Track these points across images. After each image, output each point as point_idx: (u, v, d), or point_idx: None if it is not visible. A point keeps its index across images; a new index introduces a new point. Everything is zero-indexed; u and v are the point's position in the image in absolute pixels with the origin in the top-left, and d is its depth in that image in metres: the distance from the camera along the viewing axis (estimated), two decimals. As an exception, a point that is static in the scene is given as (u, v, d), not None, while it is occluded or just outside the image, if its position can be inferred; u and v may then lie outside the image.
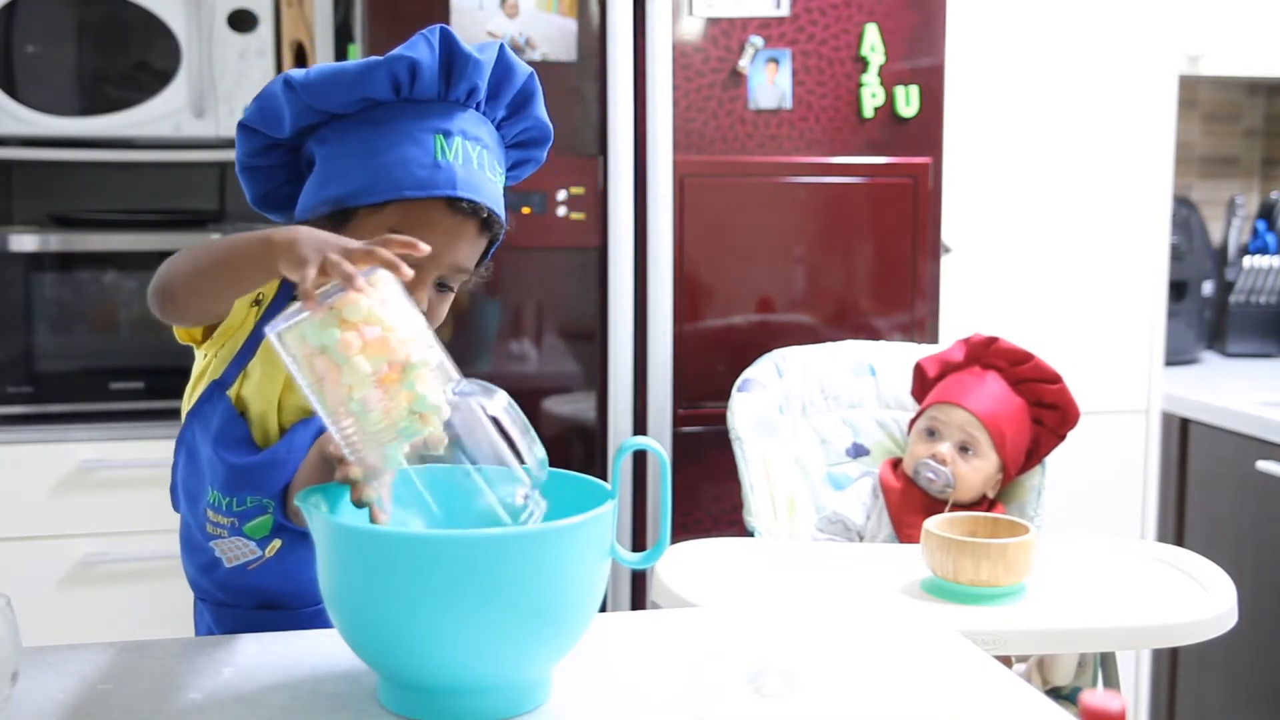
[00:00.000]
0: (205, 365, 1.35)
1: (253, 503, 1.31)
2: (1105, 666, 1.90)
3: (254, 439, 1.33)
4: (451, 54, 1.31)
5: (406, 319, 1.11)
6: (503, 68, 1.34)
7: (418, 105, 1.31)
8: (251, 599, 1.38)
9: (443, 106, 1.32)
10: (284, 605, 1.38)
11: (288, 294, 1.32)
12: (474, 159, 1.30)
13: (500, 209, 1.34)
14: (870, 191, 2.50)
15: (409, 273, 1.10)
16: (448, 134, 1.29)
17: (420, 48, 1.29)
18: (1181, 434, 2.93)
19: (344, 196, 1.29)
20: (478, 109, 1.34)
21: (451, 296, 1.35)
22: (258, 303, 1.33)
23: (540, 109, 1.39)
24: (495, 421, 1.13)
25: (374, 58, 1.30)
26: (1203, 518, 2.89)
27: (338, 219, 1.30)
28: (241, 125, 1.34)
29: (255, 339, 1.33)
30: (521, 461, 1.14)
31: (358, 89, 1.29)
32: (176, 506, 1.41)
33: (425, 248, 1.12)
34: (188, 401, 1.36)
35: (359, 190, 1.28)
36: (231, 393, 1.32)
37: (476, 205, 1.30)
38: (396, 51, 1.29)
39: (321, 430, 1.33)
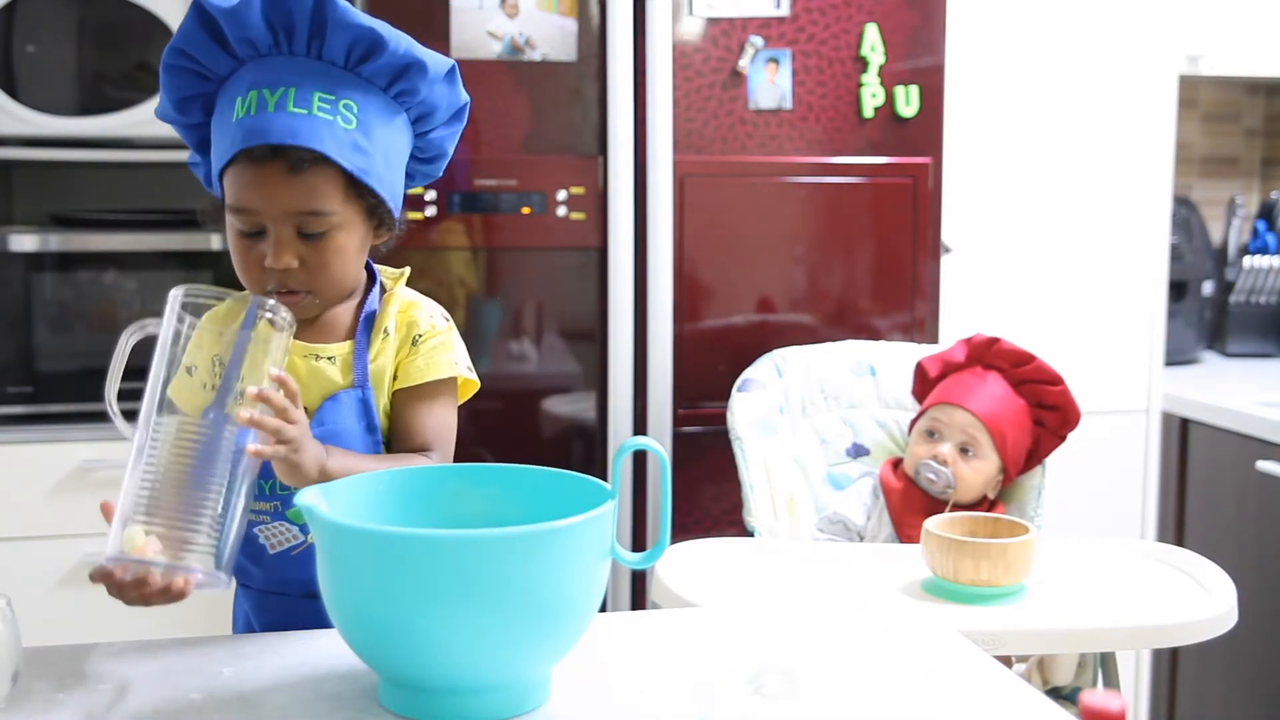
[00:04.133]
0: None
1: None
2: (1105, 666, 1.90)
3: None
4: (206, 16, 1.30)
5: None
6: (271, 3, 1.30)
7: (227, 82, 1.34)
8: (297, 588, 1.40)
9: (240, 72, 1.33)
10: None
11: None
12: (270, 102, 1.29)
13: (320, 142, 1.28)
14: (870, 191, 2.50)
15: None
16: (243, 95, 1.31)
17: (182, 26, 1.32)
18: (1181, 434, 2.93)
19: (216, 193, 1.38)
20: (279, 53, 1.32)
21: (332, 243, 1.33)
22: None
23: (350, 15, 1.30)
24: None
25: None
26: (1203, 518, 2.89)
27: None
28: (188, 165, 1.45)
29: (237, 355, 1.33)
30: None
31: (174, 92, 1.35)
32: None
33: None
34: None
35: (210, 179, 1.38)
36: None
37: (258, 149, 1.28)
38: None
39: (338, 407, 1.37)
